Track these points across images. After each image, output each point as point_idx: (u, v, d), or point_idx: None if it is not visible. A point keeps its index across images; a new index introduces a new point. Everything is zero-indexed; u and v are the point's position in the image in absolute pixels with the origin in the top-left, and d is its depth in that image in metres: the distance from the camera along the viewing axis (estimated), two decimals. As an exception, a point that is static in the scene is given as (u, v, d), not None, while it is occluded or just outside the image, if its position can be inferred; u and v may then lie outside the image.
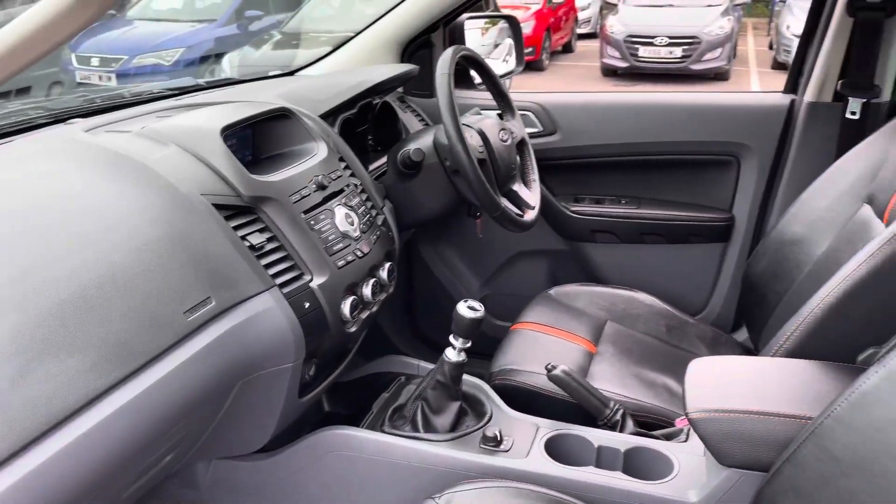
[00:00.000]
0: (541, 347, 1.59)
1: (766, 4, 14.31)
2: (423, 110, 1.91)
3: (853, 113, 1.68)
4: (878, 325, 1.21)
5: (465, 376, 1.37)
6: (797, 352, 1.24)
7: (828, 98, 1.74)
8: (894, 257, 1.11)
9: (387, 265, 1.37)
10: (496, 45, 2.52)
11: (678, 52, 8.96)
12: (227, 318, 1.01)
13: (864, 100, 1.67)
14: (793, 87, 1.84)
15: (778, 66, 9.38)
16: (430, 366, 1.39)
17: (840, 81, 1.70)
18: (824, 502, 0.93)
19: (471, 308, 1.27)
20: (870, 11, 1.61)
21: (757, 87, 8.79)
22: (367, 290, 1.27)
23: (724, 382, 1.14)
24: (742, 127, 1.82)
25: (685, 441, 1.28)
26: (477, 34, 2.17)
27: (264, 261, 1.10)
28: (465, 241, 2.08)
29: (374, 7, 1.99)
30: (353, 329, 1.24)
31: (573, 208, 1.98)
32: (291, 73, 1.90)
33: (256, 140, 1.35)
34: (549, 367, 1.35)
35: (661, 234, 1.92)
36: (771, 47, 10.79)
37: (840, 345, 1.23)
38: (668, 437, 1.31)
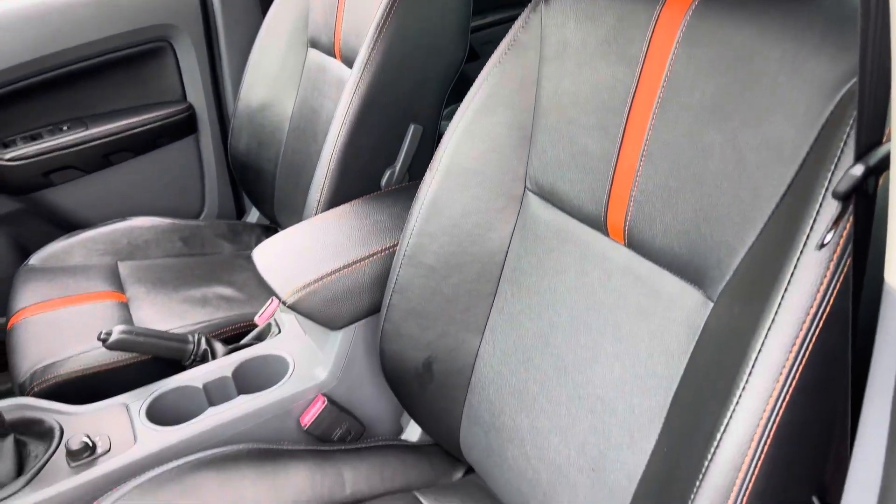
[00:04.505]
0: (65, 326, 1.30)
1: None
2: None
3: None
4: (382, 150, 1.31)
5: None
6: (333, 202, 1.27)
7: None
8: (363, 101, 1.22)
9: None
10: None
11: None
12: None
13: None
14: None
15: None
16: None
17: None
18: (437, 308, 1.00)
19: None
20: None
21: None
22: None
23: (296, 257, 1.10)
24: (160, 7, 1.64)
25: (280, 333, 1.22)
26: None
27: None
28: None
29: None
30: None
31: (7, 156, 1.57)
32: None
33: None
34: (103, 335, 1.10)
35: (127, 148, 1.68)
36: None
37: (365, 175, 1.30)
38: (262, 338, 1.23)
